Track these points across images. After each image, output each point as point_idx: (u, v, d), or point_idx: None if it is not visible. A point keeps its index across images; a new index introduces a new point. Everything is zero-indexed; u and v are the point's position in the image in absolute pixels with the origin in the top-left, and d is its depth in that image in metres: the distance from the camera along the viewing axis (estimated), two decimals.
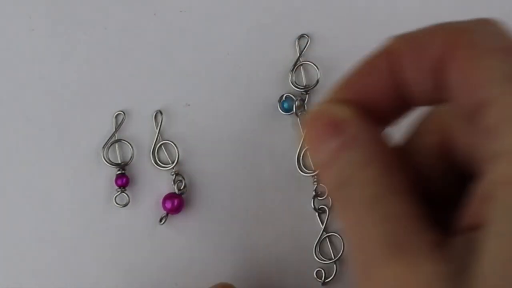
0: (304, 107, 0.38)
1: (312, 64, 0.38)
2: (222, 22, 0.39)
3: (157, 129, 0.39)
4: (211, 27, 0.39)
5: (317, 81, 0.39)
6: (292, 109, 0.38)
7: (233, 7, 0.39)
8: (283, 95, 0.39)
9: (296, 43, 0.39)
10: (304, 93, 0.39)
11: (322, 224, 0.38)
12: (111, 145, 0.39)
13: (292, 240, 0.38)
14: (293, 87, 0.38)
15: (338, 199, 0.24)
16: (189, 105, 0.39)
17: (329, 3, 0.39)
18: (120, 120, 0.39)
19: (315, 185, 0.38)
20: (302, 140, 0.38)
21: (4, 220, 0.38)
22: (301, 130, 0.38)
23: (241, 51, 0.39)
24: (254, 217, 0.38)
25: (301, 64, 0.39)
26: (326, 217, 0.38)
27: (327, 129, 0.25)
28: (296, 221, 0.38)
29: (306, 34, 0.39)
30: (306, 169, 0.38)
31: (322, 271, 0.38)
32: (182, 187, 0.38)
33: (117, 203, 0.38)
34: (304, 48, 0.38)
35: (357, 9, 0.39)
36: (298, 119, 0.39)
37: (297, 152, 0.38)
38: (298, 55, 0.38)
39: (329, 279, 0.38)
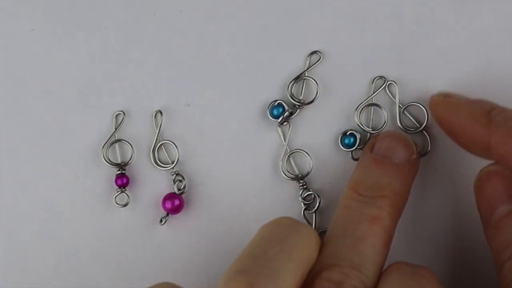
0: (289, 121, 0.38)
1: (314, 81, 0.38)
2: (222, 22, 0.39)
3: (157, 129, 0.39)
4: (211, 27, 0.39)
5: (314, 99, 0.38)
6: (279, 117, 0.38)
7: (233, 7, 0.39)
8: (275, 101, 0.38)
9: (308, 59, 0.38)
10: (298, 106, 0.38)
11: (311, 224, 0.38)
12: (111, 145, 0.39)
13: None
14: (289, 97, 0.38)
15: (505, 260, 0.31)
16: (189, 105, 0.39)
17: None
18: (120, 120, 0.39)
19: (301, 190, 0.38)
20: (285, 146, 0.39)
21: (3, 220, 0.39)
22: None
23: (241, 51, 0.39)
24: (254, 217, 0.38)
25: (305, 79, 0.39)
26: (314, 217, 0.38)
27: (504, 192, 0.33)
28: None
29: (319, 51, 0.38)
30: (289, 172, 0.38)
31: None
32: (182, 187, 0.38)
33: (117, 203, 0.38)
34: (314, 65, 0.38)
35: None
36: (279, 128, 0.39)
37: (281, 157, 0.38)
38: (305, 69, 0.38)
39: None
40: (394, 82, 0.38)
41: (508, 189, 0.33)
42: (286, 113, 0.38)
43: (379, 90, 0.38)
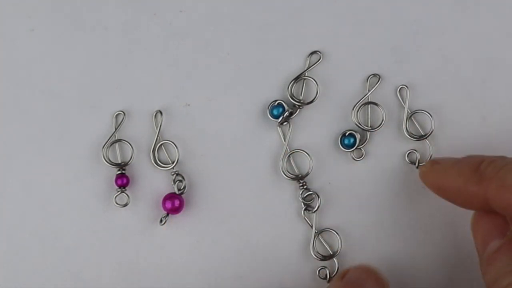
0: (289, 121, 0.38)
1: (314, 81, 0.38)
2: (222, 22, 0.39)
3: (157, 129, 0.39)
4: (211, 27, 0.39)
5: (314, 99, 0.38)
6: (279, 117, 0.38)
7: (233, 7, 0.39)
8: (275, 101, 0.38)
9: (308, 59, 0.38)
10: (298, 106, 0.38)
11: (311, 224, 0.38)
12: (111, 145, 0.39)
13: (291, 240, 0.38)
14: (289, 97, 0.38)
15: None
16: (189, 105, 0.39)
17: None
18: (120, 120, 0.39)
19: (301, 190, 0.38)
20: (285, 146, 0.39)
21: (4, 220, 0.39)
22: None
23: (241, 51, 0.39)
24: (254, 217, 0.38)
25: (305, 79, 0.38)
26: (314, 217, 0.38)
27: (495, 228, 0.33)
28: (297, 221, 0.38)
29: (319, 51, 0.38)
30: (289, 172, 0.38)
31: (326, 269, 0.38)
32: (182, 187, 0.38)
33: (117, 203, 0.38)
34: (314, 65, 0.38)
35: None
36: (279, 128, 0.39)
37: (281, 157, 0.38)
38: (305, 69, 0.38)
39: (333, 275, 0.38)
40: (406, 86, 0.38)
41: (500, 224, 0.33)
42: (286, 113, 0.38)
43: (374, 88, 0.38)
